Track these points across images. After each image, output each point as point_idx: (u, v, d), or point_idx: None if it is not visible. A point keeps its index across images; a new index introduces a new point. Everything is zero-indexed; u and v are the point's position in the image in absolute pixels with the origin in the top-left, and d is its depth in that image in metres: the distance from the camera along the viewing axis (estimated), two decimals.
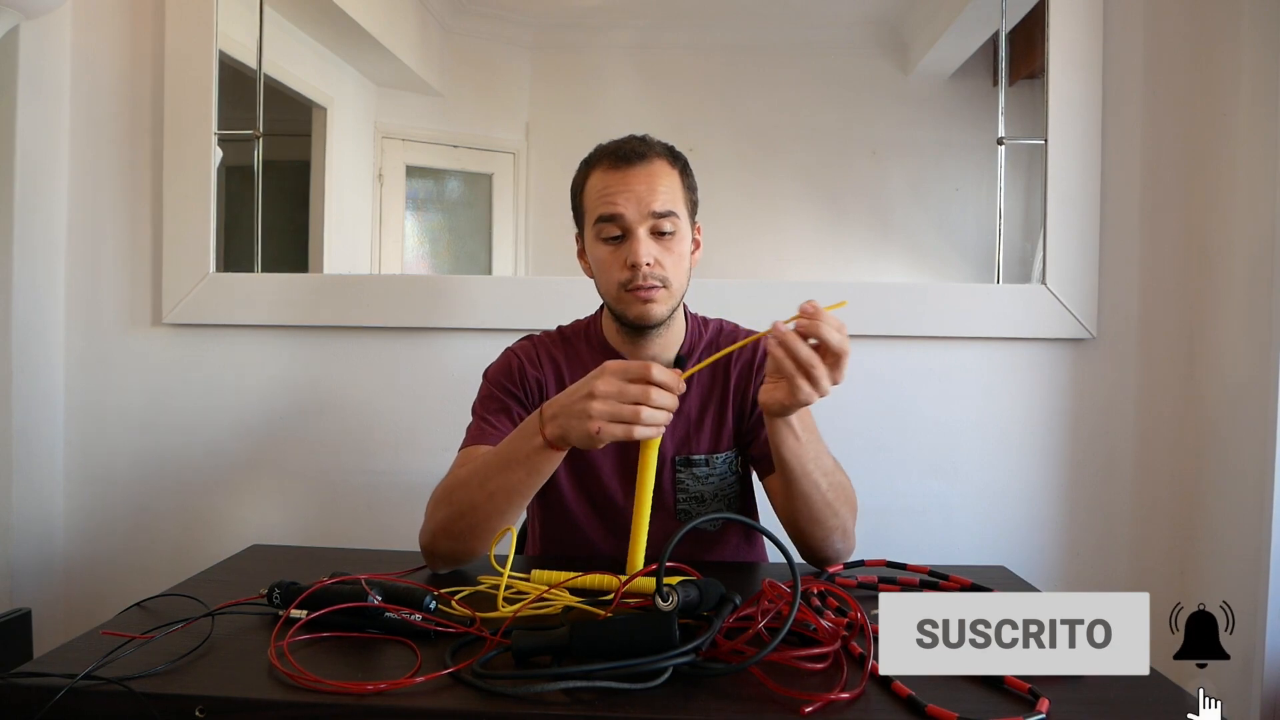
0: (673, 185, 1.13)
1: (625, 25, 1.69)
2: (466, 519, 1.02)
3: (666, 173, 1.13)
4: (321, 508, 1.64)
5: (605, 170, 1.13)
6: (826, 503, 1.03)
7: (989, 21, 1.59)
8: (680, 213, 1.13)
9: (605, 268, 1.14)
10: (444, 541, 1.04)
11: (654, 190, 1.11)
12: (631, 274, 1.10)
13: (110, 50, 1.64)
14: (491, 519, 1.01)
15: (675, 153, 1.18)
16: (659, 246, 1.11)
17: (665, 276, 1.11)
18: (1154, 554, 1.56)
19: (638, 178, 1.11)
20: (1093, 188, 1.55)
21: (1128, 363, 1.57)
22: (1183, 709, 0.70)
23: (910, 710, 0.68)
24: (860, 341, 1.57)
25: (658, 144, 1.16)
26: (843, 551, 1.08)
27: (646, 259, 1.09)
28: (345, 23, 1.68)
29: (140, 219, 1.65)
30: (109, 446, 1.66)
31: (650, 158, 1.13)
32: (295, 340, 1.65)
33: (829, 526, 1.04)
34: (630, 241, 1.11)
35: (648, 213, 1.10)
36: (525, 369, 1.20)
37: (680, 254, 1.13)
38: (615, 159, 1.13)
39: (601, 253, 1.14)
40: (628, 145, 1.14)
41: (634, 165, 1.12)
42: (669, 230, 1.11)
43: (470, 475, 1.03)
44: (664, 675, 0.70)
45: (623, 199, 1.11)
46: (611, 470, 1.18)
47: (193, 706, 0.68)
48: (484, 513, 1.01)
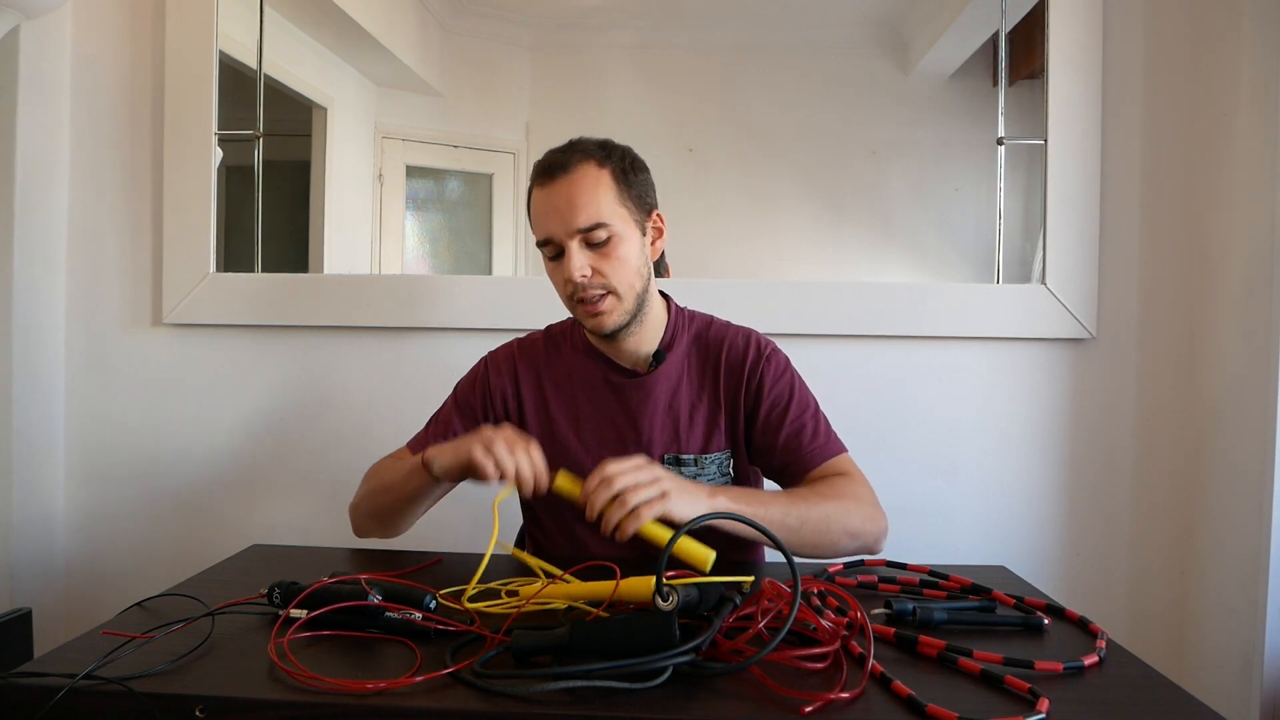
0: (598, 191, 1.10)
1: (625, 25, 1.69)
2: (371, 501, 1.21)
3: (591, 179, 1.10)
4: (321, 508, 1.64)
5: (538, 188, 1.13)
6: (811, 543, 1.05)
7: (989, 21, 1.59)
8: (610, 218, 1.10)
9: (555, 284, 1.16)
10: (358, 514, 1.22)
11: (574, 205, 1.09)
12: (573, 289, 1.11)
13: (110, 50, 1.64)
14: (388, 510, 1.19)
15: (607, 149, 1.13)
16: (594, 255, 1.10)
17: (605, 284, 1.10)
18: (1154, 554, 1.56)
19: (559, 195, 1.10)
20: (1093, 188, 1.55)
21: (1127, 363, 1.57)
22: (1183, 709, 0.70)
23: (910, 710, 0.68)
24: (860, 341, 1.60)
25: (585, 146, 1.13)
26: (862, 547, 1.09)
27: (580, 274, 1.09)
28: (345, 23, 1.68)
29: (140, 219, 1.65)
30: (109, 446, 1.66)
31: (571, 167, 1.10)
32: (295, 340, 1.65)
33: (826, 545, 1.06)
34: (565, 258, 1.10)
35: (573, 230, 1.09)
36: (489, 378, 1.25)
37: (620, 257, 1.11)
38: (542, 176, 1.12)
39: (549, 270, 1.16)
40: (551, 158, 1.12)
41: (556, 180, 1.10)
42: (602, 239, 1.10)
43: (385, 468, 1.22)
44: (664, 675, 0.70)
45: (549, 220, 1.10)
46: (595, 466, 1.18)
47: (193, 706, 0.68)
48: (382, 503, 1.19)
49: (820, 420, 1.18)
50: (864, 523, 1.08)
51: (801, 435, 1.15)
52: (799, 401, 1.18)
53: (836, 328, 1.58)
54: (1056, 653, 0.79)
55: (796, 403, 1.17)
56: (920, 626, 0.85)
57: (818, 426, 1.17)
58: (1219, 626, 1.44)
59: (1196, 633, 1.51)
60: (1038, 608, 0.92)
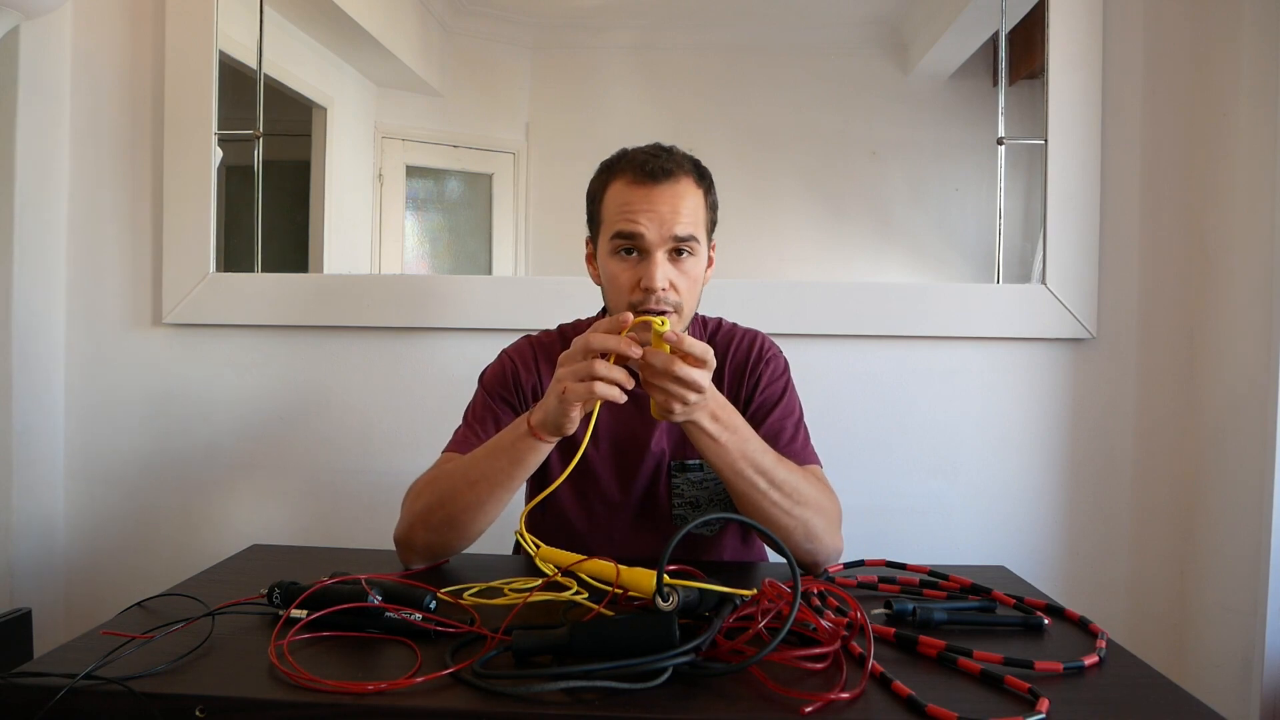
0: (697, 206, 1.09)
1: (625, 25, 1.69)
2: (446, 508, 1.03)
3: (692, 193, 1.09)
4: (321, 508, 1.64)
5: (629, 183, 1.08)
6: (771, 501, 1.00)
7: (989, 21, 1.59)
8: (700, 236, 1.10)
9: (617, 285, 1.09)
10: (421, 533, 1.05)
11: (678, 213, 1.06)
12: (644, 296, 1.06)
13: (110, 50, 1.64)
14: (470, 510, 1.02)
15: (702, 170, 1.13)
16: (675, 269, 1.07)
17: (679, 301, 1.08)
18: (1154, 554, 1.56)
19: (663, 197, 1.06)
20: (1093, 188, 1.55)
21: (1128, 363, 1.57)
22: (1183, 709, 0.70)
23: (910, 710, 0.68)
24: (860, 341, 1.60)
25: (686, 161, 1.11)
26: (815, 553, 1.04)
27: (662, 284, 1.05)
28: (345, 23, 1.68)
29: (140, 219, 1.65)
30: (109, 446, 1.66)
31: (678, 176, 1.08)
32: (295, 340, 1.65)
33: (782, 525, 1.01)
34: (647, 264, 1.06)
35: (669, 235, 1.06)
36: (519, 373, 1.20)
37: (695, 277, 1.10)
38: (641, 173, 1.08)
39: (615, 268, 1.09)
40: (656, 161, 1.08)
41: (660, 183, 1.07)
42: (687, 253, 1.08)
43: (454, 467, 1.06)
44: (664, 675, 0.70)
45: (645, 219, 1.06)
46: (608, 473, 1.18)
47: (193, 706, 0.68)
48: (464, 502, 1.02)
49: (801, 429, 1.18)
50: (824, 532, 1.04)
51: (780, 436, 1.14)
52: (785, 405, 1.18)
53: (836, 328, 1.58)
54: (1056, 653, 0.79)
55: (783, 406, 1.17)
56: (920, 626, 0.85)
57: (796, 433, 1.16)
58: (1219, 626, 1.44)
59: (1196, 633, 1.51)
60: (1038, 608, 0.92)
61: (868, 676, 0.72)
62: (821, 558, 1.05)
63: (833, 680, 0.72)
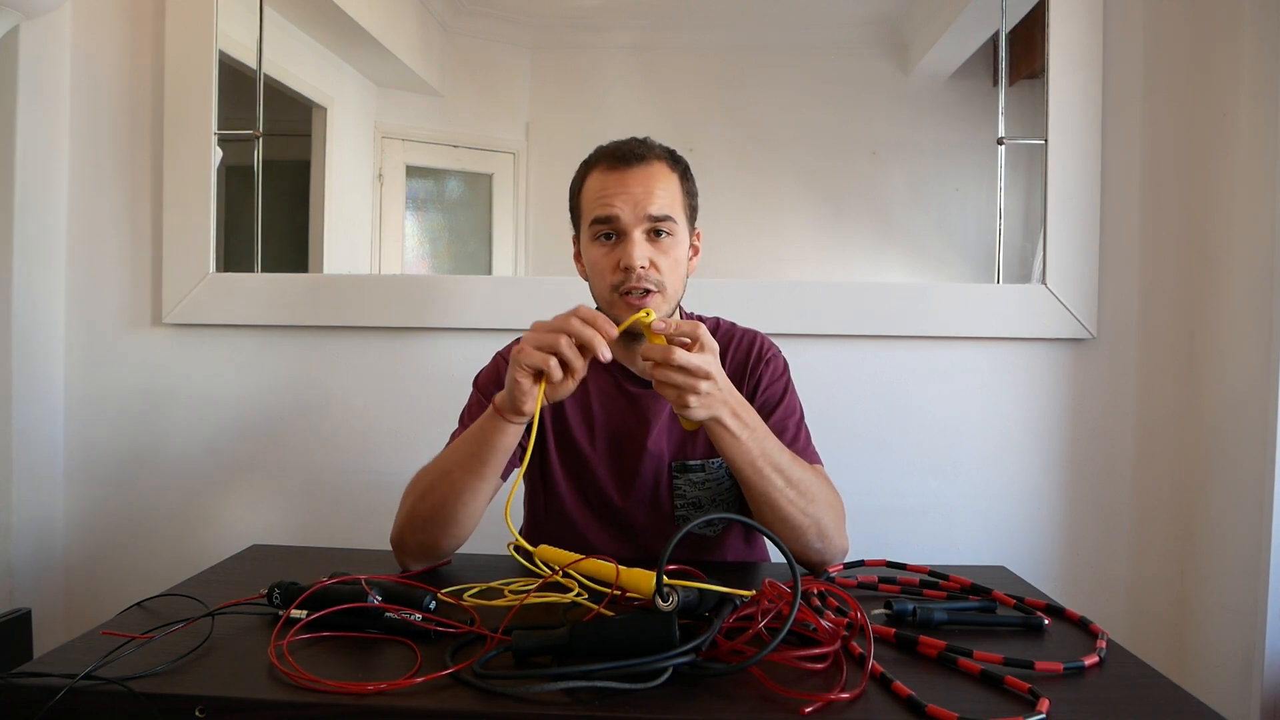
0: (671, 189, 1.12)
1: (626, 25, 1.69)
2: (427, 501, 1.04)
3: (665, 176, 1.12)
4: (321, 508, 1.64)
5: (603, 171, 1.12)
6: (788, 499, 1.01)
7: (989, 21, 1.59)
8: (678, 217, 1.12)
9: (599, 270, 1.12)
10: (410, 533, 1.06)
11: (650, 193, 1.09)
12: (624, 276, 1.08)
13: (110, 50, 1.64)
14: (449, 501, 1.03)
15: (676, 156, 1.16)
16: (654, 249, 1.10)
17: (660, 280, 1.09)
18: (1154, 554, 1.56)
19: (635, 179, 1.10)
20: (1093, 188, 1.55)
21: (1128, 363, 1.57)
22: (1183, 709, 0.70)
23: (910, 710, 0.68)
24: (860, 341, 1.60)
25: (658, 147, 1.15)
26: (824, 551, 1.05)
27: (640, 261, 1.07)
28: (345, 23, 1.68)
29: (140, 219, 1.65)
30: (109, 446, 1.66)
31: (649, 159, 1.11)
32: (295, 340, 1.65)
33: (797, 525, 1.02)
34: (624, 244, 1.09)
35: (644, 215, 1.09)
36: None
37: (676, 259, 1.12)
38: (613, 160, 1.12)
39: (595, 254, 1.12)
40: (627, 146, 1.12)
41: (632, 166, 1.10)
42: (665, 234, 1.10)
43: (432, 462, 1.08)
44: (664, 675, 0.70)
45: (619, 200, 1.09)
46: (607, 475, 1.19)
47: (193, 706, 0.68)
48: (441, 493, 1.03)
49: (803, 429, 1.18)
50: (834, 531, 1.05)
51: (782, 436, 1.13)
52: (786, 405, 1.18)
53: (836, 328, 1.58)
54: (1056, 653, 0.79)
55: (784, 406, 1.18)
56: (920, 627, 0.85)
57: (798, 433, 1.17)
58: (1219, 626, 1.44)
59: (1196, 633, 1.51)
60: (1038, 608, 0.92)
61: (868, 677, 0.72)
62: (830, 556, 1.06)
63: (833, 680, 0.72)
